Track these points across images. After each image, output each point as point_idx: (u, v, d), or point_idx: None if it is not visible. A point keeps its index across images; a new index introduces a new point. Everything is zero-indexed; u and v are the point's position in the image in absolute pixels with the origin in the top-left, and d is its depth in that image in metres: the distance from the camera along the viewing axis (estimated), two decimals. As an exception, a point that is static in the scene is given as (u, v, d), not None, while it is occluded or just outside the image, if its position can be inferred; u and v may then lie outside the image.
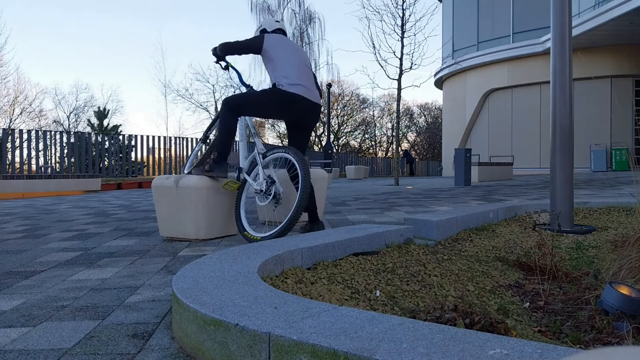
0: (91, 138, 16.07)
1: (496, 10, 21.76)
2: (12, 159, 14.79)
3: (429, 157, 43.70)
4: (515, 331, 1.60)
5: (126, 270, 2.45)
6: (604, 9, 15.28)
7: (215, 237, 3.32)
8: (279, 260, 2.00)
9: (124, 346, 1.43)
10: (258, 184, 3.21)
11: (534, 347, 0.99)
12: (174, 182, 3.22)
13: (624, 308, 1.72)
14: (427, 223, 3.11)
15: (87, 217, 4.99)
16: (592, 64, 18.08)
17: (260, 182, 3.20)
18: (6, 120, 29.65)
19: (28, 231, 4.01)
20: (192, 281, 1.63)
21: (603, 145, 18.49)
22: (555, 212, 3.69)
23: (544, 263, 2.41)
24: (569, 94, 3.82)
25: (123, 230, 3.95)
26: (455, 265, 2.43)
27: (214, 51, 3.39)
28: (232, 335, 1.21)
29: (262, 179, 3.20)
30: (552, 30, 3.90)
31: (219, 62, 3.46)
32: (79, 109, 35.49)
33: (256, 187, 3.21)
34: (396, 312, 1.72)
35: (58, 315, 1.73)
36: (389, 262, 2.34)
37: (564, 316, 1.86)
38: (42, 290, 2.10)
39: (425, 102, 50.79)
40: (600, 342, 1.58)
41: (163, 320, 1.66)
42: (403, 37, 12.33)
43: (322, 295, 1.76)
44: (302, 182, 2.98)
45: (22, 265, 2.62)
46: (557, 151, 3.82)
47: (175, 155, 16.52)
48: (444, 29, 25.24)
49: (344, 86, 40.56)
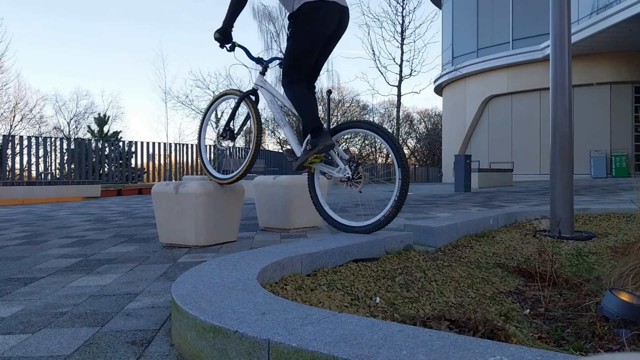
0: (91, 144, 16.09)
1: (495, 17, 21.86)
2: (12, 166, 14.80)
3: (429, 164, 43.69)
4: (516, 338, 1.59)
5: (126, 276, 2.45)
6: (603, 16, 15.35)
7: (215, 243, 3.32)
8: (278, 267, 2.00)
9: (123, 353, 1.42)
10: (340, 171, 2.88)
11: (534, 354, 0.98)
12: (174, 188, 3.22)
13: (625, 314, 1.72)
14: (427, 229, 3.11)
15: (87, 224, 4.99)
16: (591, 71, 18.14)
17: (343, 168, 2.87)
18: (7, 126, 29.70)
19: (27, 238, 4.00)
20: (191, 288, 1.62)
21: (603, 151, 18.51)
22: (556, 218, 3.69)
23: (544, 270, 2.41)
24: (569, 100, 3.82)
25: (123, 236, 3.95)
26: (456, 272, 2.42)
27: (216, 35, 3.07)
28: (232, 342, 1.21)
29: (342, 165, 2.87)
30: (551, 37, 3.92)
31: (223, 45, 3.11)
32: (80, 115, 35.56)
33: (339, 174, 2.88)
34: (396, 318, 1.72)
35: (57, 322, 1.73)
36: (389, 268, 2.34)
37: (564, 323, 1.85)
38: (42, 296, 2.09)
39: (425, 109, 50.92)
40: (601, 349, 1.58)
41: (162, 327, 1.65)
42: (403, 43, 12.42)
43: (321, 302, 1.76)
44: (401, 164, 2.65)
45: (22, 272, 2.61)
46: (557, 157, 3.82)
47: (175, 161, 16.53)
48: (444, 35, 25.33)
49: (344, 92, 40.63)
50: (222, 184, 3.28)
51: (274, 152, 25.44)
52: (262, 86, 3.18)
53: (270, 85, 3.16)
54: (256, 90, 3.18)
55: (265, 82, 3.19)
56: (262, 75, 3.22)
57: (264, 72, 3.22)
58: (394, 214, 2.68)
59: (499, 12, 21.66)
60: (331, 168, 2.97)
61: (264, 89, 3.17)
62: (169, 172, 16.15)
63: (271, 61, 3.28)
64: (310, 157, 2.83)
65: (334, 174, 2.93)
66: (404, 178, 2.64)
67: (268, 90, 3.15)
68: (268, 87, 3.16)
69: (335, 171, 2.92)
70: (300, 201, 3.82)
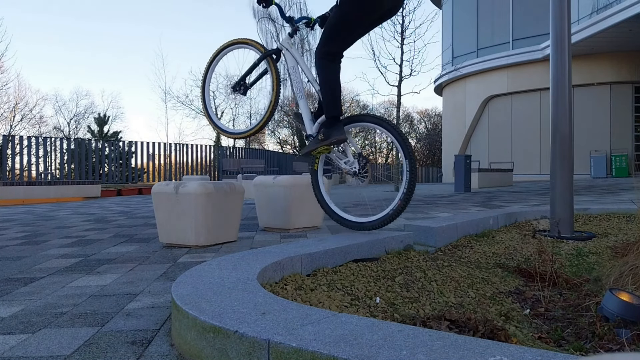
0: (91, 144, 16.09)
1: (496, 17, 21.86)
2: (12, 166, 14.79)
3: (429, 164, 43.69)
4: (516, 338, 1.59)
5: (126, 276, 2.45)
6: (603, 15, 15.35)
7: (215, 243, 3.32)
8: (278, 267, 2.00)
9: (123, 353, 1.42)
10: (348, 163, 2.81)
11: (534, 354, 0.98)
12: (174, 188, 3.22)
13: (625, 314, 1.72)
14: (427, 229, 3.11)
15: (87, 224, 4.99)
16: (591, 71, 18.15)
17: (352, 161, 2.80)
18: (6, 126, 29.69)
19: (27, 238, 4.00)
20: (191, 288, 1.62)
21: (603, 151, 18.51)
22: (555, 218, 3.69)
23: (544, 270, 2.41)
24: (569, 100, 3.82)
25: (123, 236, 3.95)
26: (456, 272, 2.42)
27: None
28: (232, 342, 1.21)
29: (351, 158, 2.80)
30: (551, 37, 3.92)
31: (260, 2, 2.89)
32: (79, 115, 35.54)
33: (347, 166, 2.82)
34: (396, 318, 1.72)
35: (57, 322, 1.73)
36: (389, 268, 2.34)
37: (564, 323, 1.85)
38: (42, 296, 2.09)
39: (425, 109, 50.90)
40: (601, 349, 1.58)
41: (162, 327, 1.65)
42: (403, 43, 12.38)
43: (321, 302, 1.76)
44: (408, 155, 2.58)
45: (22, 272, 2.61)
46: (557, 157, 3.82)
47: (175, 161, 16.53)
48: (444, 35, 25.33)
49: (344, 93, 40.63)
50: (236, 138, 3.28)
51: (274, 152, 25.44)
52: (287, 49, 2.95)
53: (296, 50, 2.95)
54: (280, 51, 2.96)
55: (292, 46, 2.96)
56: (290, 37, 2.98)
57: (292, 34, 2.97)
58: (403, 206, 2.61)
59: (499, 12, 21.66)
60: (340, 157, 2.89)
61: (289, 52, 2.94)
62: (169, 172, 16.15)
63: (300, 20, 3.03)
64: (320, 148, 2.74)
65: (341, 165, 2.85)
66: (412, 170, 2.58)
67: (293, 55, 2.93)
68: (294, 53, 2.94)
69: (343, 162, 2.85)
70: (300, 201, 3.82)
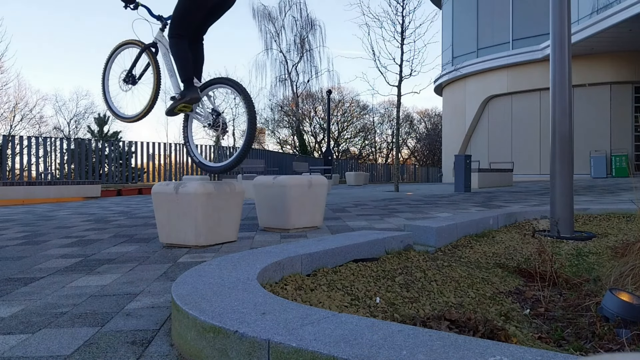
0: (91, 144, 16.08)
1: (496, 17, 21.85)
2: (12, 166, 14.79)
3: (429, 164, 43.69)
4: (516, 338, 1.59)
5: (126, 276, 2.45)
6: (603, 15, 15.34)
7: (215, 243, 3.32)
8: (278, 267, 2.00)
9: (123, 353, 1.42)
10: (205, 118, 3.41)
11: (534, 354, 0.98)
12: (174, 188, 3.22)
13: (625, 314, 1.72)
14: (427, 229, 3.11)
15: (87, 224, 4.99)
16: (591, 71, 18.14)
17: (206, 116, 3.40)
18: (6, 126, 29.67)
19: (27, 238, 4.00)
20: (191, 288, 1.62)
21: (603, 151, 18.50)
22: (555, 218, 3.69)
23: (544, 270, 2.41)
24: (569, 100, 3.83)
25: (123, 236, 3.95)
26: (455, 272, 2.42)
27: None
28: (232, 342, 1.21)
29: (206, 114, 3.40)
30: (551, 37, 3.92)
31: (127, 5, 3.51)
32: (79, 115, 35.50)
33: (204, 121, 3.42)
34: (396, 318, 1.72)
35: (57, 322, 1.73)
36: (389, 268, 2.34)
37: (564, 323, 1.86)
38: (42, 296, 2.09)
39: (425, 109, 50.90)
40: (601, 349, 1.58)
41: (162, 327, 1.65)
42: (403, 43, 12.37)
43: (321, 302, 1.76)
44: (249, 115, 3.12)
45: (22, 272, 2.61)
46: (556, 157, 3.82)
47: (175, 161, 16.52)
48: (444, 35, 25.33)
49: (344, 92, 40.63)
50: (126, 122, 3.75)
51: (273, 152, 25.43)
52: (160, 41, 3.63)
53: (167, 40, 3.53)
54: (156, 44, 3.62)
55: (163, 37, 3.60)
56: (161, 31, 3.64)
57: (163, 29, 3.63)
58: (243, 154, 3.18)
59: (499, 12, 21.65)
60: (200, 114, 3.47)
61: (161, 43, 3.61)
62: (169, 172, 16.15)
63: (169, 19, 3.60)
64: (179, 106, 3.32)
65: (200, 120, 3.46)
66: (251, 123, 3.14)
67: (164, 45, 3.57)
68: (164, 42, 3.58)
69: (202, 118, 3.45)
70: (300, 201, 3.82)
